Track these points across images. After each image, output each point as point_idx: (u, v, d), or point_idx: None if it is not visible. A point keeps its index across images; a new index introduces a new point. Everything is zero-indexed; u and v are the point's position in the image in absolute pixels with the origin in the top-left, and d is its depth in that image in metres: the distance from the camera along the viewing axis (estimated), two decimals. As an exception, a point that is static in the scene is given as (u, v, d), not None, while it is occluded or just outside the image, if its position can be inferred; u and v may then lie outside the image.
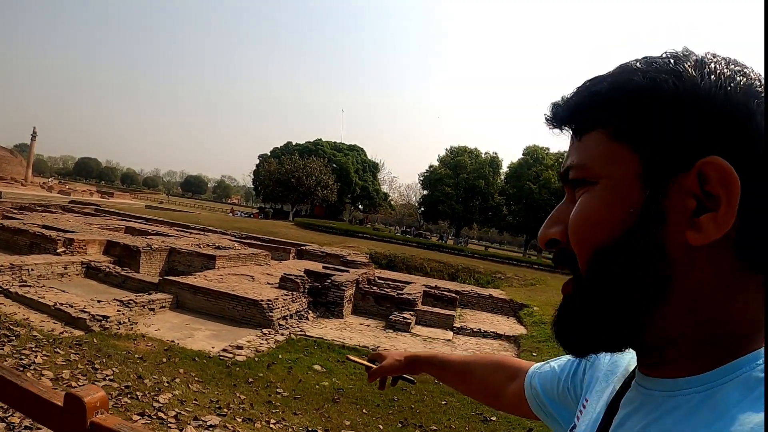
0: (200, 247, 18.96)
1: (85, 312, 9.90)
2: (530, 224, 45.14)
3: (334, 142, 61.17)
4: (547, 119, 0.60)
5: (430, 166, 53.24)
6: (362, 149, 62.58)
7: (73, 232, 16.27)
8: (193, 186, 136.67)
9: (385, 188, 65.13)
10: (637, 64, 0.54)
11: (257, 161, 60.14)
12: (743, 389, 0.45)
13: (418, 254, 29.51)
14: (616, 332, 0.53)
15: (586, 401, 0.70)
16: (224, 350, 9.45)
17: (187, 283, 13.29)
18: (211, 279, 14.43)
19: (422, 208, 54.80)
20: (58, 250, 14.22)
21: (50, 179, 57.29)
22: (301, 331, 12.35)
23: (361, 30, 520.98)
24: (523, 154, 48.80)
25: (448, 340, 14.33)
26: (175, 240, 19.27)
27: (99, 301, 11.07)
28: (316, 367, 9.45)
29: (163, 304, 12.44)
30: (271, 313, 12.48)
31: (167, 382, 7.04)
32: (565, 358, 0.87)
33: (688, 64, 0.51)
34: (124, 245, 15.87)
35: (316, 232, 35.17)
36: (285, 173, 47.75)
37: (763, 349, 0.47)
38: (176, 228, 25.47)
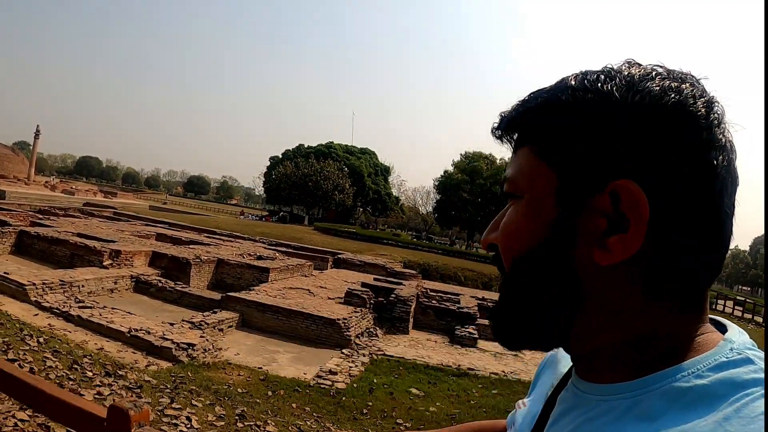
0: (243, 257, 17.49)
1: (167, 339, 8.52)
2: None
3: (346, 145, 59.65)
4: (492, 129, 0.60)
5: (446, 171, 51.94)
6: (374, 152, 61.11)
7: (113, 241, 14.73)
8: (195, 186, 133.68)
9: (394, 192, 63.63)
10: (571, 80, 0.52)
11: (267, 163, 58.53)
12: (667, 399, 0.45)
13: (450, 263, 28.17)
14: (535, 333, 0.55)
15: (523, 401, 0.72)
16: (318, 376, 8.76)
17: (255, 301, 11.99)
18: (272, 294, 13.09)
19: (436, 213, 53.34)
20: (104, 263, 12.69)
21: (52, 178, 55.21)
22: (378, 350, 11.45)
23: (372, 31, 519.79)
24: (541, 160, 47.45)
25: (515, 354, 13.30)
26: (216, 249, 17.76)
27: (172, 324, 9.70)
28: (413, 390, 8.92)
29: (231, 324, 11.21)
30: (348, 332, 11.56)
31: (290, 422, 6.30)
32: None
33: (616, 82, 0.50)
34: (171, 257, 14.37)
35: (338, 237, 33.69)
36: (302, 176, 46.16)
37: (690, 362, 0.47)
38: (205, 234, 23.90)
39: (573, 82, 0.52)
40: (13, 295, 9.70)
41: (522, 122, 0.56)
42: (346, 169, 50.86)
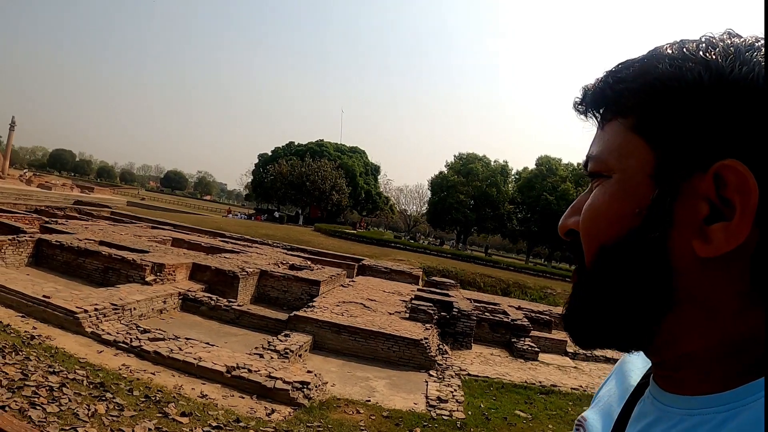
0: (279, 267, 15.69)
1: (275, 378, 7.08)
2: (546, 234, 43.38)
3: (336, 144, 57.59)
4: (574, 103, 0.55)
5: (440, 173, 50.57)
6: (364, 151, 59.07)
7: (146, 252, 12.72)
8: (173, 182, 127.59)
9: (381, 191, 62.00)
10: (668, 49, 0.47)
11: (253, 160, 56.06)
12: (761, 411, 0.40)
13: (467, 268, 26.91)
14: (616, 332, 0.49)
15: (583, 416, 0.63)
16: (431, 406, 8.05)
17: (329, 321, 10.49)
18: (336, 311, 11.52)
19: (429, 214, 51.99)
20: (146, 279, 10.74)
21: (25, 171, 51.02)
22: (460, 369, 10.68)
23: (359, 29, 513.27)
24: (536, 165, 46.85)
25: (575, 366, 13.42)
26: (248, 258, 15.91)
27: (260, 356, 8.01)
28: (520, 413, 8.49)
29: (306, 348, 9.63)
30: (431, 353, 10.48)
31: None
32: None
33: (719, 51, 0.44)
34: (216, 269, 12.52)
35: (344, 240, 31.95)
36: (299, 176, 43.95)
37: None
38: (219, 239, 21.83)
39: (670, 51, 0.47)
40: (62, 325, 7.77)
41: (612, 94, 0.49)
42: (341, 168, 48.91)
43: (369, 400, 7.86)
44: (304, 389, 6.90)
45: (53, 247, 11.57)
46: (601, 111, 0.52)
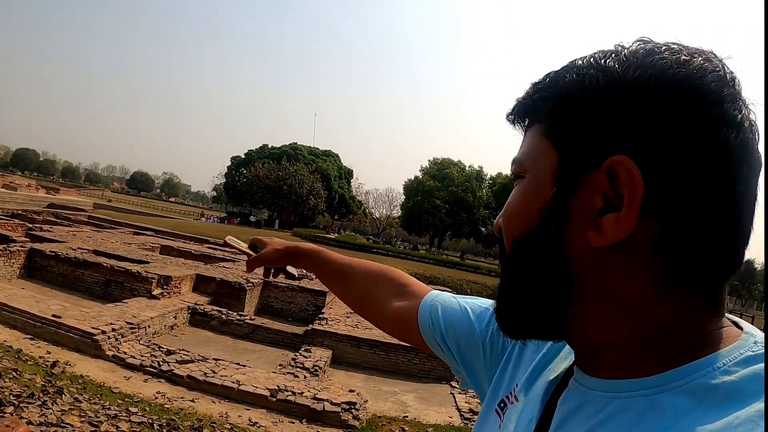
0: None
1: (321, 400, 6.68)
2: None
3: (310, 147, 56.59)
4: (506, 114, 0.57)
5: (415, 177, 50.41)
6: (337, 155, 58.33)
7: (146, 263, 11.90)
8: (139, 183, 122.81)
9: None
10: (579, 60, 0.50)
11: (222, 162, 54.57)
12: (692, 397, 0.41)
13: (453, 275, 26.84)
14: (533, 320, 0.51)
15: (515, 394, 0.63)
16: (466, 419, 7.86)
17: (348, 335, 10.02)
18: (350, 323, 11.15)
19: (403, 219, 51.66)
20: (153, 292, 10.00)
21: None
22: None
23: (328, 34, 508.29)
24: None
25: None
26: (245, 267, 15.17)
27: (294, 375, 7.61)
28: None
29: (326, 362, 9.12)
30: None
31: None
32: (480, 303, 0.79)
33: (620, 58, 0.47)
34: (221, 281, 11.84)
35: (325, 245, 31.19)
36: (276, 179, 42.78)
37: (712, 357, 0.42)
38: (207, 245, 20.88)
39: (580, 61, 0.49)
40: (77, 347, 7.06)
41: (532, 104, 0.52)
42: (317, 172, 48.05)
43: (406, 416, 7.60)
44: (352, 410, 6.49)
45: (47, 258, 10.64)
46: (526, 120, 0.54)
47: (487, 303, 0.78)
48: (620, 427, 0.43)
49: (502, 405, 0.64)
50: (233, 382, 6.55)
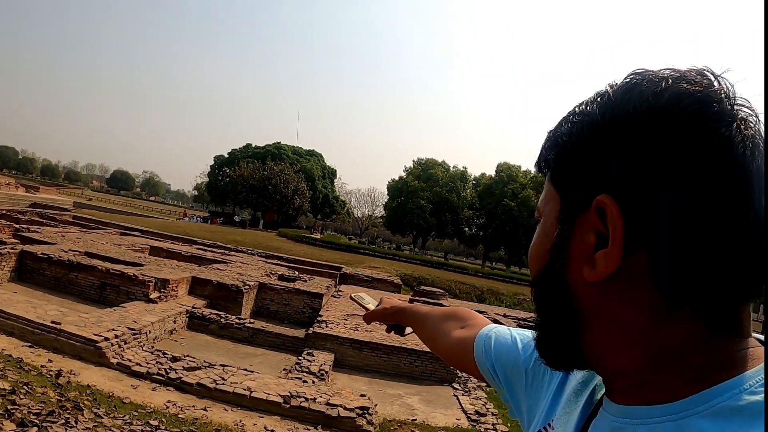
0: (270, 278, 14.89)
1: (335, 405, 6.62)
2: (506, 239, 44.19)
3: (294, 147, 56.07)
4: (535, 164, 0.59)
5: (400, 178, 50.30)
6: (321, 155, 57.89)
7: (139, 265, 11.61)
8: (119, 182, 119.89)
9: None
10: (577, 107, 0.52)
11: (204, 161, 53.74)
12: (717, 420, 0.41)
13: (441, 275, 26.88)
14: (558, 351, 0.53)
15: (549, 424, 0.64)
16: (473, 421, 7.87)
17: (350, 338, 9.96)
18: (348, 326, 11.03)
19: (387, 219, 51.47)
20: (150, 296, 9.75)
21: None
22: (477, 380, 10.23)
23: (310, 33, 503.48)
24: (496, 172, 47.48)
25: None
26: (238, 269, 14.98)
27: (302, 380, 7.54)
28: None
29: (330, 366, 9.08)
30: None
31: None
32: (529, 333, 0.79)
33: (601, 101, 0.49)
34: (217, 284, 11.63)
35: (312, 246, 31.07)
36: (261, 179, 42.21)
37: (738, 379, 0.42)
38: (196, 246, 20.53)
39: (577, 108, 0.52)
40: (79, 355, 6.82)
41: (543, 153, 0.55)
42: (301, 172, 47.62)
43: (415, 419, 7.57)
44: (366, 415, 6.39)
45: (39, 261, 10.28)
46: (544, 167, 0.56)
47: None
48: None
49: None
50: (245, 389, 6.40)
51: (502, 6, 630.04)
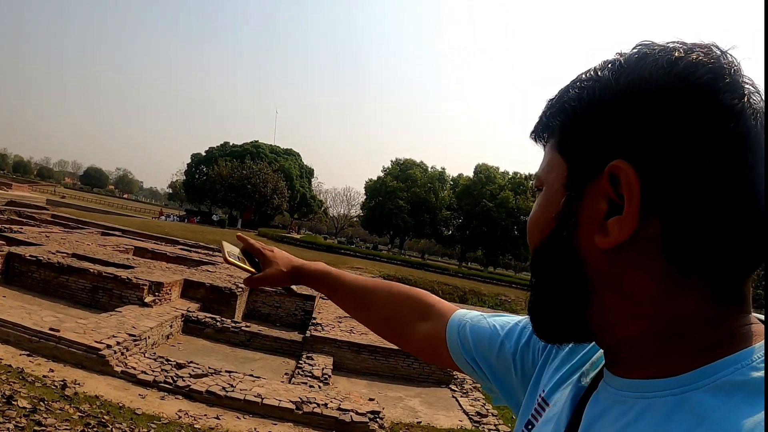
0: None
1: (346, 411, 6.61)
2: (484, 239, 44.62)
3: (271, 145, 55.30)
4: (529, 134, 0.58)
5: (378, 178, 50.17)
6: (298, 154, 57.36)
7: (130, 267, 11.28)
8: (93, 179, 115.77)
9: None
10: (583, 74, 0.52)
11: (179, 159, 52.62)
12: (720, 394, 0.40)
13: (424, 276, 27.00)
14: (560, 324, 0.53)
15: (543, 398, 0.63)
16: (476, 422, 7.94)
17: (348, 341, 9.92)
18: (344, 328, 11.07)
19: (365, 219, 51.28)
20: (145, 300, 9.50)
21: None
22: (473, 381, 10.54)
23: (287, 32, 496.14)
24: (474, 173, 47.85)
25: None
26: (228, 270, 14.70)
27: (309, 385, 7.60)
28: None
29: (330, 369, 9.07)
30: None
31: None
32: (508, 320, 0.79)
33: (611, 67, 0.48)
34: (210, 286, 11.42)
35: (293, 246, 30.74)
36: (240, 178, 41.47)
37: (741, 354, 0.42)
38: (179, 246, 20.09)
39: (583, 75, 0.51)
40: (81, 363, 6.60)
41: (545, 120, 0.54)
42: (280, 171, 47.04)
43: (420, 422, 7.57)
44: (377, 419, 6.39)
45: (27, 263, 9.88)
46: (544, 135, 0.56)
47: (515, 319, 0.79)
48: (649, 428, 0.43)
49: (529, 425, 0.65)
50: (255, 396, 6.30)
51: (483, 3, 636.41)
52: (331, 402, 6.56)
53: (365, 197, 52.58)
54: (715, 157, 0.41)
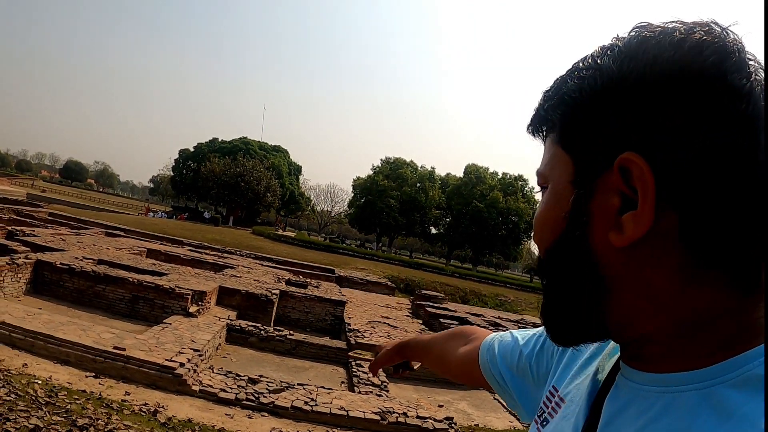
0: (281, 283, 14.28)
1: (426, 418, 6.67)
2: (474, 239, 44.72)
3: (260, 142, 54.23)
4: (526, 127, 0.56)
5: (369, 176, 49.76)
6: (287, 151, 56.48)
7: (163, 274, 10.73)
8: (73, 173, 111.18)
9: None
10: (580, 62, 0.48)
11: (164, 153, 51.25)
12: (746, 389, 0.38)
13: (426, 277, 26.87)
14: (576, 325, 0.50)
15: (555, 394, 0.62)
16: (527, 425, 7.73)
17: None
18: (381, 333, 10.70)
19: (355, 217, 50.77)
20: (190, 310, 9.04)
21: None
22: None
23: (275, 28, 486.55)
24: (464, 173, 47.90)
25: None
26: (249, 275, 14.25)
27: (377, 395, 7.57)
28: None
29: (385, 376, 8.82)
30: None
31: None
32: (531, 332, 0.79)
33: (613, 53, 0.45)
34: (246, 293, 11.00)
35: (292, 246, 30.28)
36: (234, 176, 40.44)
37: (759, 348, 0.40)
38: (188, 248, 19.40)
39: (580, 63, 0.48)
40: (155, 384, 6.19)
41: (543, 113, 0.51)
42: (272, 168, 46.17)
43: (477, 424, 7.48)
44: (453, 425, 6.26)
45: (59, 272, 9.27)
46: (543, 129, 0.53)
47: (538, 330, 0.77)
48: (673, 424, 0.41)
49: (541, 414, 0.63)
50: (339, 409, 6.04)
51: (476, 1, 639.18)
52: (409, 411, 6.36)
53: (354, 195, 52.15)
54: (729, 141, 0.38)
